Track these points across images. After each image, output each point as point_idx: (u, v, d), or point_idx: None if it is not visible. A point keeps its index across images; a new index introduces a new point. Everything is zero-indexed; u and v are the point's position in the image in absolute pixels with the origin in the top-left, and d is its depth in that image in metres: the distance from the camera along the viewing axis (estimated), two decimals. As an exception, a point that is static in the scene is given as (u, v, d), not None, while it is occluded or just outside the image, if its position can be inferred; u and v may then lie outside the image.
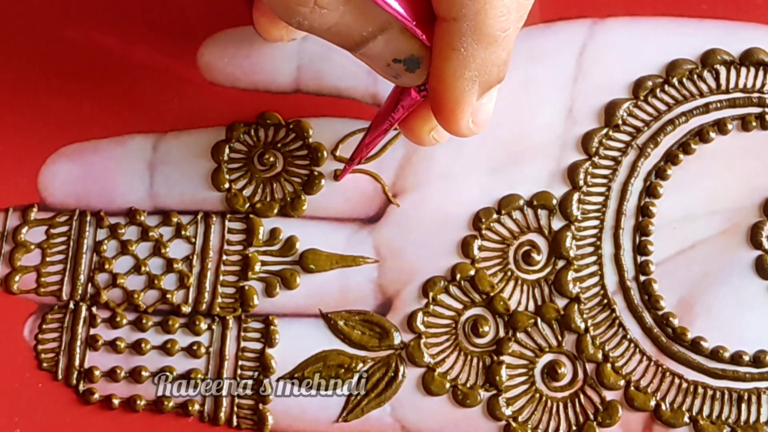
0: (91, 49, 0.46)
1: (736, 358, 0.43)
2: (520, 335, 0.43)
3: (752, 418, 0.42)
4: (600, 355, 0.43)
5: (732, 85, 0.45)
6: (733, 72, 0.45)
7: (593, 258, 0.44)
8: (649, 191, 0.44)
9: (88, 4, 0.46)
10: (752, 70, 0.45)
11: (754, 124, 0.45)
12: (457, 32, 0.35)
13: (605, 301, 0.43)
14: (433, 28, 0.36)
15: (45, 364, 0.43)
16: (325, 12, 0.35)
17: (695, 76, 0.45)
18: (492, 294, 0.43)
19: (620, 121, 0.45)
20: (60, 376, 0.43)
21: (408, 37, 0.36)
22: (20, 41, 0.46)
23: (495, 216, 0.44)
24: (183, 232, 0.44)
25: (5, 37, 0.46)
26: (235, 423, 0.42)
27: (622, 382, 0.43)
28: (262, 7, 0.43)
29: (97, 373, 0.43)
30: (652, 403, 0.42)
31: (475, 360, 0.43)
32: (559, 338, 0.43)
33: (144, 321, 0.43)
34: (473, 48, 0.35)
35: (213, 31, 0.46)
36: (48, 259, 0.44)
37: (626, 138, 0.45)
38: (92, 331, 0.43)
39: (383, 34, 0.36)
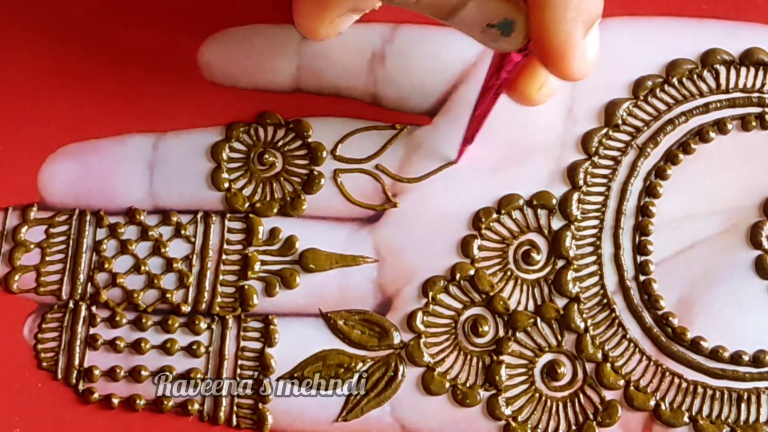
0: (90, 49, 0.46)
1: (736, 358, 0.43)
2: (520, 335, 0.43)
3: (752, 418, 0.42)
4: (600, 355, 0.43)
5: (732, 84, 0.45)
6: (733, 72, 0.45)
7: (593, 258, 0.44)
8: (649, 191, 0.44)
9: (88, 3, 0.46)
10: (752, 69, 0.45)
11: (754, 124, 0.45)
12: None
13: (605, 300, 0.43)
14: None
15: (44, 364, 0.43)
16: None
17: (695, 76, 0.45)
18: (492, 294, 0.43)
19: (620, 121, 0.45)
20: (59, 376, 0.43)
21: (499, 0, 0.36)
22: (20, 41, 0.46)
23: (495, 216, 0.44)
24: (183, 232, 0.44)
25: (5, 36, 0.46)
26: (234, 423, 0.42)
27: (621, 382, 0.43)
28: (304, 8, 0.42)
29: (96, 372, 0.43)
30: (652, 402, 0.42)
31: (474, 360, 0.43)
32: (559, 338, 0.43)
33: (144, 320, 0.43)
34: None
35: (213, 31, 0.46)
36: (47, 258, 0.44)
37: (626, 138, 0.45)
38: (92, 331, 0.43)
39: (474, 0, 0.36)
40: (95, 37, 0.46)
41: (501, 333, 0.43)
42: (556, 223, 0.44)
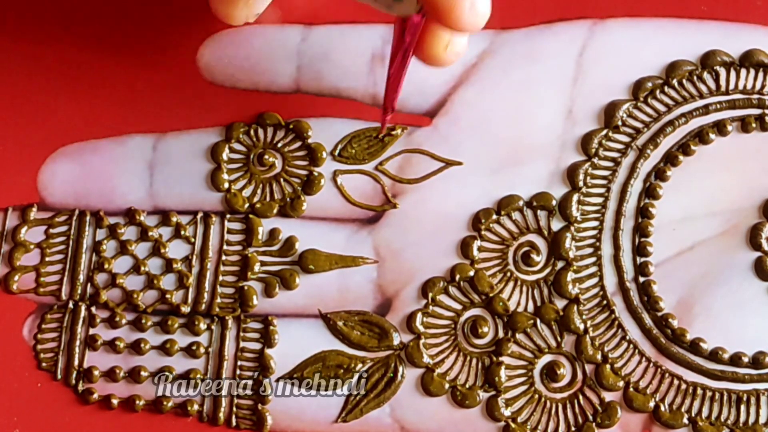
0: (91, 49, 0.46)
1: (735, 360, 0.43)
2: (520, 336, 0.43)
3: (751, 420, 0.42)
4: (599, 356, 0.43)
5: (732, 86, 0.45)
6: (732, 73, 0.45)
7: (593, 259, 0.44)
8: (649, 192, 0.44)
9: (88, 3, 0.46)
10: (752, 71, 0.45)
11: (753, 125, 0.45)
12: None
13: (604, 302, 0.43)
14: None
15: (44, 364, 0.43)
16: None
17: (695, 78, 0.45)
18: (491, 295, 0.43)
19: (620, 122, 0.45)
20: (59, 376, 0.43)
21: None
22: (20, 41, 0.46)
23: (494, 217, 0.44)
24: (182, 232, 0.44)
25: (5, 36, 0.46)
26: (234, 423, 0.42)
27: (621, 383, 0.43)
28: None
29: (96, 372, 0.43)
30: (652, 404, 0.42)
31: (474, 361, 0.43)
32: (559, 339, 0.43)
33: (143, 321, 0.43)
34: None
35: (213, 31, 0.46)
36: (47, 258, 0.44)
37: (626, 139, 0.45)
38: (91, 331, 0.43)
39: None
40: (95, 37, 0.46)
41: (500, 334, 0.43)
42: (556, 225, 0.44)
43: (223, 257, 0.44)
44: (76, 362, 0.43)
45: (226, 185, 0.45)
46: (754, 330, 0.43)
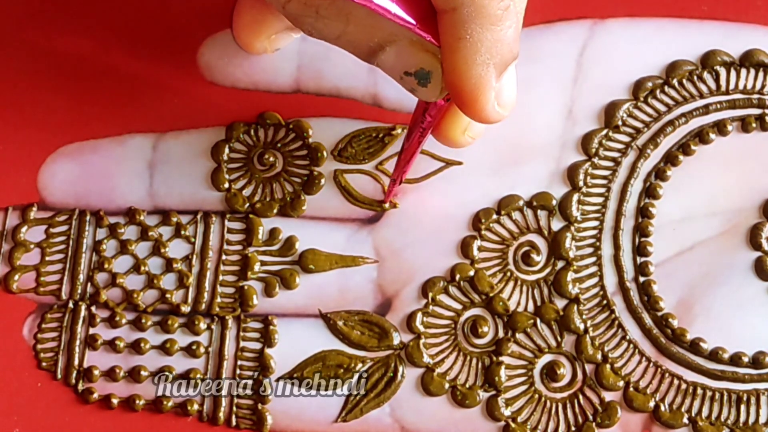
0: (91, 49, 0.46)
1: (736, 360, 0.43)
2: (520, 336, 0.43)
3: (751, 419, 0.42)
4: (599, 356, 0.43)
5: (732, 86, 0.45)
6: (733, 73, 0.45)
7: (593, 259, 0.44)
8: (649, 192, 0.44)
9: (88, 3, 0.46)
10: (752, 71, 0.45)
11: (753, 125, 0.45)
12: (459, 21, 0.35)
13: (604, 301, 0.43)
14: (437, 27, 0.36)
15: (44, 364, 0.43)
16: (328, 22, 0.35)
17: (695, 77, 0.45)
18: (491, 294, 0.43)
19: (620, 122, 0.45)
20: (59, 376, 0.43)
21: (417, 49, 0.36)
22: (20, 41, 0.46)
23: (494, 216, 0.44)
24: (182, 232, 0.44)
25: (5, 36, 0.46)
26: (234, 423, 0.42)
27: (621, 383, 0.43)
28: (242, 21, 0.43)
29: (96, 372, 0.43)
30: (652, 404, 0.42)
31: (474, 360, 0.43)
32: (559, 339, 0.43)
33: (143, 320, 0.43)
34: (478, 32, 0.35)
35: (213, 31, 0.46)
36: (47, 258, 0.44)
37: (626, 139, 0.45)
38: (91, 331, 0.43)
39: (392, 45, 0.36)
40: (95, 37, 0.46)
41: (501, 334, 0.43)
42: (556, 224, 0.44)
43: (224, 257, 0.44)
44: (76, 362, 0.43)
45: (227, 185, 0.45)
46: (754, 330, 0.43)
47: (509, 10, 0.36)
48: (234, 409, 0.43)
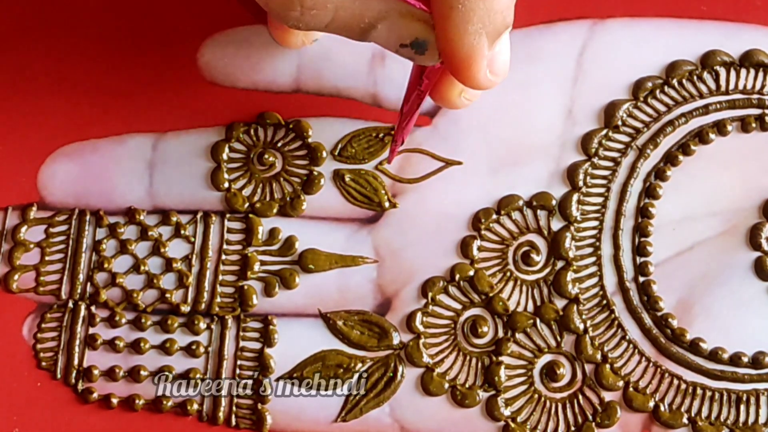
0: (91, 49, 0.46)
1: (735, 360, 0.43)
2: (519, 336, 0.43)
3: (751, 419, 0.42)
4: (599, 356, 0.43)
5: (732, 86, 0.45)
6: (732, 73, 0.45)
7: (592, 259, 0.44)
8: (649, 192, 0.44)
9: (88, 3, 0.46)
10: (752, 71, 0.45)
11: (753, 125, 0.45)
12: None
13: (604, 301, 0.43)
14: None
15: (44, 363, 0.43)
16: (315, 12, 0.35)
17: (695, 78, 0.45)
18: (491, 294, 0.43)
19: (620, 122, 0.45)
20: (59, 375, 0.43)
21: (408, 21, 0.36)
22: (20, 41, 0.46)
23: (494, 216, 0.44)
24: (182, 232, 0.44)
25: (5, 36, 0.46)
26: (233, 423, 0.42)
27: (621, 383, 0.43)
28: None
29: (95, 372, 0.43)
30: (651, 404, 0.42)
31: (474, 360, 0.43)
32: (558, 339, 0.43)
33: (143, 320, 0.43)
34: (471, 1, 0.35)
35: (213, 31, 0.46)
36: (47, 258, 0.44)
37: (626, 139, 0.45)
38: (91, 331, 0.43)
39: (383, 22, 0.36)
40: (95, 37, 0.46)
41: (500, 334, 0.43)
42: (556, 224, 0.44)
43: (223, 257, 0.44)
44: (76, 361, 0.43)
45: (226, 185, 0.45)
46: (754, 330, 0.43)
47: None
48: (234, 408, 0.43)
